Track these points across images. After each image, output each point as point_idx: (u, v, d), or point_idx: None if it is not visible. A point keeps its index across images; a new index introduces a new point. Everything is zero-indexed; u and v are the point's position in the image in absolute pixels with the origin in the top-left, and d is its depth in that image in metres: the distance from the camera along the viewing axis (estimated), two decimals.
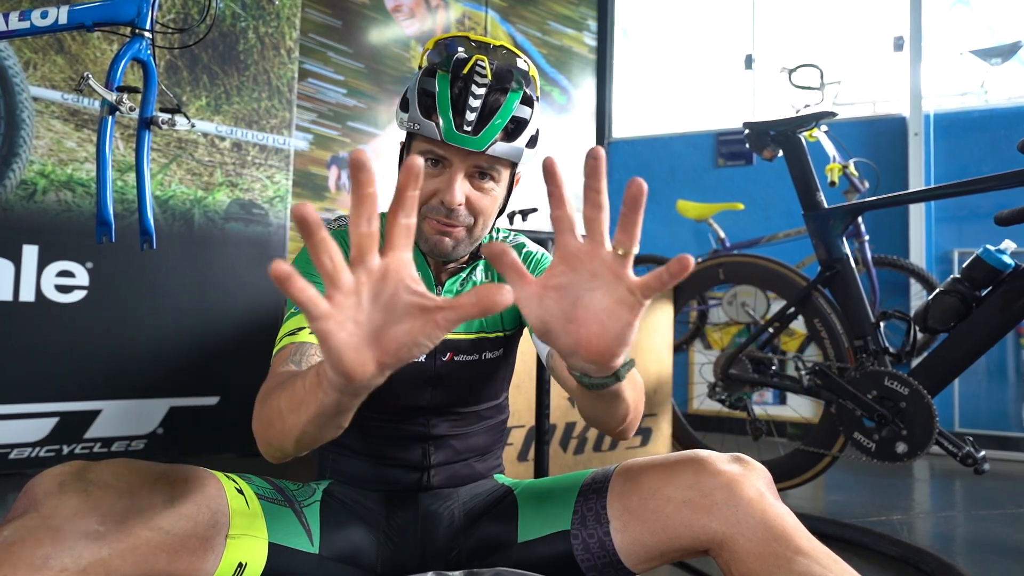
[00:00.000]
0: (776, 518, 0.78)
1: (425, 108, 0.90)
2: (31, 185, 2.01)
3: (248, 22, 2.43)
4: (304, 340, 0.84)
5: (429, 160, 0.91)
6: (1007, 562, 1.64)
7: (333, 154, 2.98)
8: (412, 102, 0.91)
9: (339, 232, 1.01)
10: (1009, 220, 1.64)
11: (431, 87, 0.90)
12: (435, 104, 0.89)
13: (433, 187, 0.91)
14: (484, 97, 0.89)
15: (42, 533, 0.65)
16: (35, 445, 2.00)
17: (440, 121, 0.88)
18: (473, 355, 1.03)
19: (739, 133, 3.64)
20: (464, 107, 0.88)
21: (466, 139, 0.88)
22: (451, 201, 0.90)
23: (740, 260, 2.38)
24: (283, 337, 0.87)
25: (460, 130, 0.88)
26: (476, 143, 0.88)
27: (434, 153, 0.91)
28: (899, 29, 3.43)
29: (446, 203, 0.90)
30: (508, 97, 0.90)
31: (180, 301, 2.25)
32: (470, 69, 0.89)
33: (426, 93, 0.91)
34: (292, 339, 0.85)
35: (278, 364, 0.82)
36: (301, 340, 0.84)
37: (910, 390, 1.76)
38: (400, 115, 0.95)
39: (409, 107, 0.92)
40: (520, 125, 0.92)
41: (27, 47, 2.00)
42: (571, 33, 4.09)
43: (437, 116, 0.89)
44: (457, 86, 0.89)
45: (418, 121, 0.90)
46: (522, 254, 1.09)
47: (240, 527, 0.81)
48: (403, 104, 0.95)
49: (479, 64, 0.90)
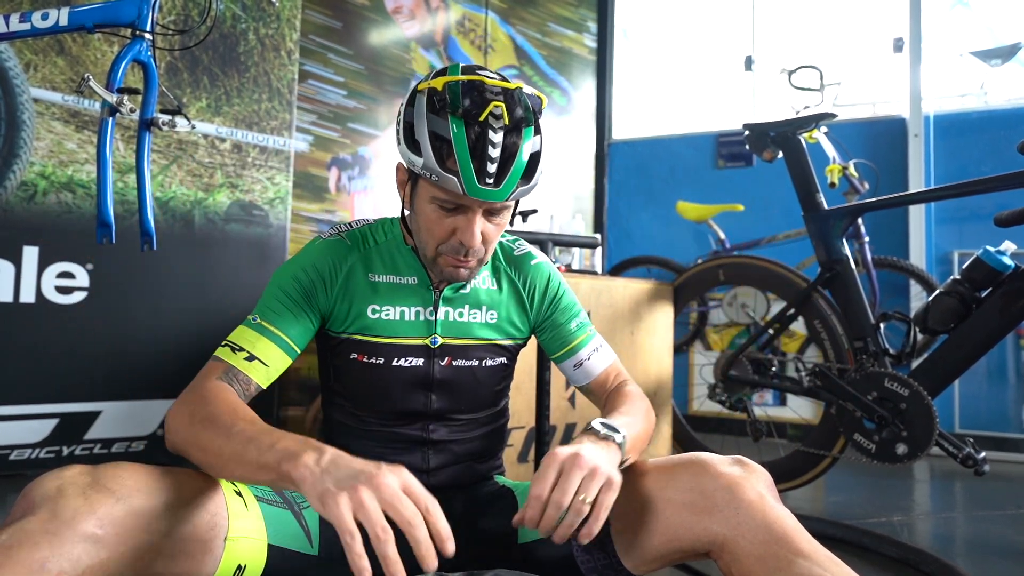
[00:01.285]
0: (777, 520, 0.78)
1: (440, 155, 0.86)
2: (31, 186, 2.01)
3: (248, 24, 2.43)
4: (236, 365, 0.89)
5: (443, 206, 0.90)
6: (1007, 563, 1.64)
7: (333, 155, 2.98)
8: (424, 146, 0.86)
9: (336, 240, 1.01)
10: (1009, 221, 1.64)
11: (444, 132, 0.85)
12: (452, 152, 0.85)
13: (450, 226, 0.91)
14: (502, 143, 0.85)
15: (40, 537, 0.65)
16: (35, 446, 2.00)
17: (460, 174, 0.85)
18: (472, 361, 1.03)
19: (739, 134, 3.64)
20: (484, 156, 0.84)
21: (489, 192, 0.86)
22: (471, 243, 0.91)
23: (740, 261, 2.38)
24: (227, 344, 0.91)
25: (482, 183, 0.85)
26: (498, 195, 0.87)
27: (451, 202, 0.89)
28: (899, 30, 3.43)
29: (466, 244, 0.91)
30: (523, 136, 0.87)
31: (180, 302, 2.25)
32: (487, 115, 0.84)
33: (438, 138, 0.86)
34: (232, 358, 0.89)
35: (211, 373, 0.88)
36: (235, 365, 0.89)
37: (910, 391, 1.76)
38: (410, 155, 0.89)
39: (422, 151, 0.87)
40: (534, 161, 0.90)
41: (28, 49, 2.00)
42: (571, 34, 4.09)
43: (456, 167, 0.85)
44: (474, 131, 0.84)
45: (435, 172, 0.86)
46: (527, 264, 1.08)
47: (239, 529, 0.81)
48: (410, 143, 0.89)
49: (496, 107, 0.84)
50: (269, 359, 0.91)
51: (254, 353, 0.90)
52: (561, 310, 1.09)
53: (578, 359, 1.07)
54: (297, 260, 1.00)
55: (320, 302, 0.97)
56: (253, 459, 0.71)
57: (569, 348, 1.08)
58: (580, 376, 1.08)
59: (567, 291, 1.11)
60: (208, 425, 0.77)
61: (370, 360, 0.99)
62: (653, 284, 2.44)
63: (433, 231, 0.93)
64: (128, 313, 2.15)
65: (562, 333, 1.08)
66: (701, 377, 3.19)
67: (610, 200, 4.15)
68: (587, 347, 1.08)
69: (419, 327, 1.00)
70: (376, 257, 1.01)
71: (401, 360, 0.99)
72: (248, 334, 0.92)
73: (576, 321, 1.09)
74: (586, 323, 1.10)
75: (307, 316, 0.96)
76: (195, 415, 0.80)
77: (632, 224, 4.07)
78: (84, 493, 0.69)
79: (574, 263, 2.74)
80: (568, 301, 1.10)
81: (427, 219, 0.93)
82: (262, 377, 0.91)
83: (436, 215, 0.91)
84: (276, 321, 0.93)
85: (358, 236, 1.02)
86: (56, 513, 0.67)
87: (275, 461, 0.68)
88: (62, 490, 0.69)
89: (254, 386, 0.90)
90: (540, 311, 1.08)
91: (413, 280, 1.01)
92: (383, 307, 0.99)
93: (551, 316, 1.08)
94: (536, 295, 1.08)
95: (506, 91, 0.86)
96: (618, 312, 2.29)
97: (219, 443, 0.75)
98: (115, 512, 0.69)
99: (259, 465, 0.70)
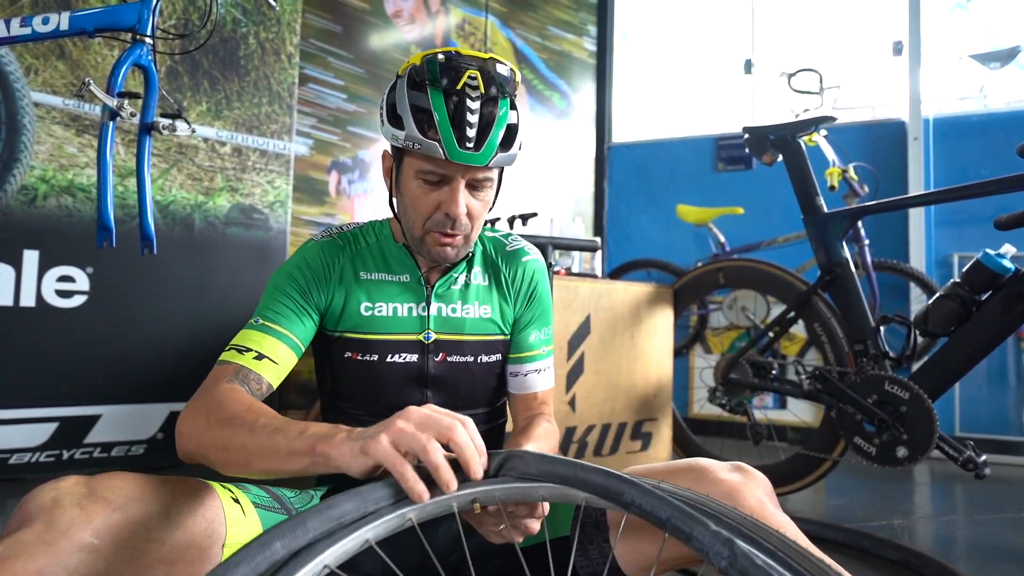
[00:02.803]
0: (776, 527, 0.78)
1: (421, 125, 0.90)
2: (32, 190, 2.01)
3: (248, 27, 2.44)
4: (247, 365, 0.89)
5: (427, 179, 0.93)
6: (1008, 566, 1.63)
7: (333, 159, 2.99)
8: (406, 118, 0.91)
9: (328, 241, 1.02)
10: (1008, 224, 1.64)
11: (424, 103, 0.90)
12: (432, 121, 0.89)
13: (434, 200, 0.94)
14: (480, 111, 0.89)
15: (36, 548, 0.65)
16: (35, 450, 2.00)
17: (441, 139, 0.88)
18: (467, 356, 1.04)
19: (739, 137, 3.65)
20: (463, 123, 0.88)
21: (470, 156, 0.89)
22: (456, 213, 0.93)
23: (740, 264, 2.38)
24: (232, 347, 0.91)
25: (463, 147, 0.89)
26: (479, 159, 0.90)
27: (434, 172, 0.92)
28: (898, 33, 3.43)
29: (451, 215, 0.93)
30: (500, 106, 0.91)
31: (181, 306, 2.25)
32: (463, 84, 0.89)
33: (419, 109, 0.90)
34: (240, 359, 0.89)
35: (221, 376, 0.87)
36: (245, 364, 0.89)
37: (910, 394, 1.76)
38: (392, 131, 0.94)
39: (404, 124, 0.91)
40: (511, 132, 0.93)
41: (28, 53, 2.00)
42: (571, 38, 4.10)
43: (437, 134, 0.89)
44: (452, 101, 0.89)
45: (417, 140, 0.90)
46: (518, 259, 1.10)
47: (236, 536, 0.81)
48: (392, 119, 0.93)
49: (471, 78, 0.89)
50: (278, 357, 0.92)
51: (263, 352, 0.91)
52: (530, 312, 1.10)
53: (521, 369, 1.09)
54: (292, 261, 1.01)
55: (316, 300, 0.99)
56: (283, 448, 0.70)
57: (519, 356, 1.10)
58: (513, 384, 1.11)
59: (546, 298, 1.12)
60: (227, 424, 0.77)
61: (364, 357, 1.00)
62: (653, 287, 2.44)
63: (419, 207, 0.95)
64: (128, 317, 2.15)
65: (520, 338, 1.09)
66: (701, 380, 3.19)
67: (610, 203, 4.15)
68: (535, 363, 1.10)
69: (412, 323, 1.01)
70: (368, 256, 1.03)
71: (395, 356, 1.00)
72: (253, 335, 0.92)
73: (536, 334, 1.10)
74: (548, 340, 1.12)
75: (307, 314, 0.98)
76: (211, 417, 0.79)
77: (632, 227, 4.07)
78: (80, 503, 0.69)
79: (574, 266, 2.74)
80: (541, 307, 1.11)
81: (413, 196, 0.95)
82: (273, 375, 0.91)
83: (421, 190, 0.94)
84: (279, 320, 0.94)
85: (349, 237, 1.05)
86: (52, 524, 0.67)
87: (308, 446, 0.68)
88: (58, 501, 0.69)
89: (266, 384, 0.90)
90: (518, 307, 1.09)
91: (405, 277, 1.03)
92: (376, 304, 1.01)
93: (522, 315, 1.09)
94: (521, 290, 1.09)
95: (479, 60, 0.91)
96: (618, 315, 2.29)
97: (242, 439, 0.74)
98: (111, 522, 0.69)
99: (290, 452, 0.69)
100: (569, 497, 0.65)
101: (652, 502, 0.59)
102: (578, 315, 2.16)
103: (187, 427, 0.82)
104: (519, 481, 0.66)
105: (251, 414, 0.77)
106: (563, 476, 0.65)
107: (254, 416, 0.76)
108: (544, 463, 0.66)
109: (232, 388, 0.85)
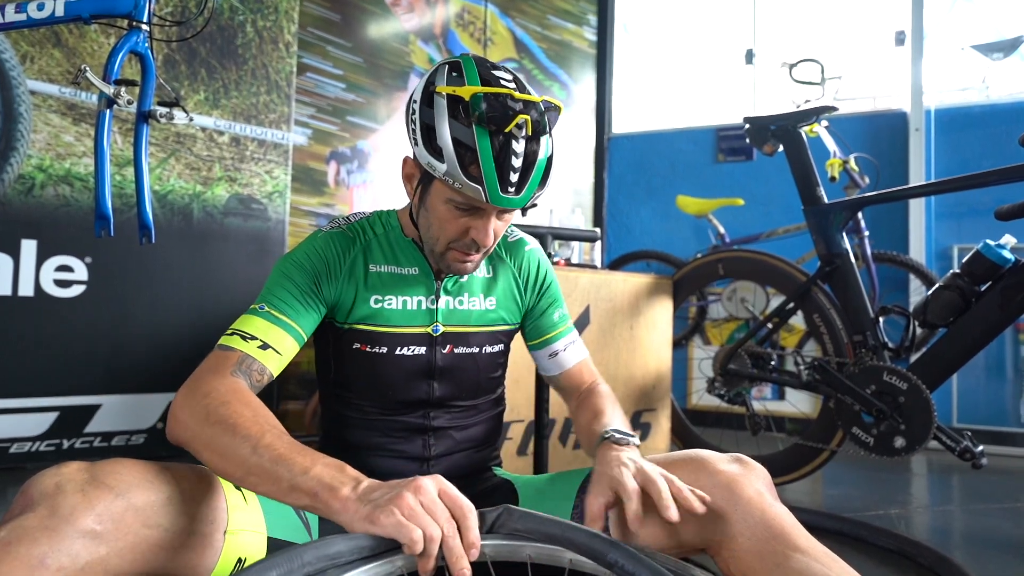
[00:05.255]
0: (775, 518, 0.79)
1: (463, 163, 0.86)
2: (29, 179, 2.00)
3: (246, 16, 2.42)
4: (251, 354, 0.87)
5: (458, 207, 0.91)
6: (1004, 556, 1.64)
7: (332, 149, 2.97)
8: (447, 153, 0.86)
9: (338, 232, 1.01)
10: (1009, 215, 1.63)
11: (468, 140, 0.86)
12: (476, 161, 0.86)
13: (463, 225, 0.93)
14: (524, 152, 0.87)
15: (39, 533, 0.65)
16: (35, 440, 2.00)
17: (484, 182, 0.86)
18: (473, 348, 1.05)
19: (739, 128, 3.63)
20: (507, 165, 0.86)
21: (511, 200, 0.88)
22: (485, 243, 0.93)
23: (740, 255, 2.38)
24: (235, 332, 0.90)
25: (504, 191, 0.87)
26: (519, 202, 0.90)
27: (467, 205, 0.91)
28: (900, 24, 3.42)
29: (480, 243, 0.93)
30: (543, 146, 0.89)
31: (179, 296, 2.25)
32: (512, 127, 0.85)
33: (462, 145, 0.86)
34: (244, 346, 0.88)
35: (224, 364, 0.85)
36: (249, 353, 0.87)
37: (908, 385, 1.76)
38: (428, 158, 0.89)
39: (444, 157, 0.87)
40: (549, 165, 0.92)
41: (24, 40, 1.99)
42: (571, 28, 4.07)
43: (480, 175, 0.86)
44: (498, 141, 0.86)
45: (458, 180, 0.87)
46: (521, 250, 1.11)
47: (238, 523, 0.81)
48: (429, 146, 0.88)
49: (521, 121, 0.86)
50: (282, 348, 0.91)
51: (267, 341, 0.89)
52: (548, 298, 1.13)
53: (554, 349, 1.12)
54: (302, 249, 1.00)
55: (326, 292, 0.98)
56: (284, 480, 0.70)
57: (548, 337, 1.12)
58: (552, 366, 1.13)
59: (555, 280, 1.15)
60: (228, 430, 0.75)
61: (373, 349, 0.99)
62: (652, 278, 2.43)
63: (446, 229, 0.94)
64: (127, 306, 2.15)
65: (544, 321, 1.12)
66: (700, 371, 3.20)
67: (610, 194, 4.14)
68: (564, 339, 1.13)
69: (421, 316, 1.02)
70: (376, 248, 1.02)
71: (404, 349, 1.00)
72: (258, 322, 0.91)
73: (559, 312, 1.13)
74: (566, 315, 1.15)
75: (314, 305, 0.96)
76: (211, 414, 0.78)
77: (632, 218, 4.06)
78: (82, 489, 0.69)
79: (574, 257, 2.74)
80: (555, 290, 1.14)
81: (439, 218, 0.94)
82: (275, 366, 0.90)
83: (450, 215, 0.93)
84: (285, 309, 0.93)
85: (358, 228, 1.03)
86: (55, 509, 0.67)
87: (311, 489, 0.69)
88: (60, 487, 0.69)
89: (267, 375, 0.89)
90: (531, 297, 1.12)
91: (414, 270, 1.02)
92: (385, 297, 1.00)
93: (538, 303, 1.12)
94: (529, 280, 1.11)
95: (530, 104, 0.87)
96: (617, 306, 2.29)
97: (243, 454, 0.73)
98: (114, 508, 0.69)
99: (292, 487, 0.70)
100: (555, 559, 0.68)
101: (635, 566, 0.62)
102: (577, 306, 2.16)
103: (184, 414, 0.81)
104: (508, 539, 0.69)
105: (256, 426, 0.75)
106: (550, 535, 0.68)
107: (259, 430, 0.75)
108: (533, 522, 0.69)
109: (237, 383, 0.83)
